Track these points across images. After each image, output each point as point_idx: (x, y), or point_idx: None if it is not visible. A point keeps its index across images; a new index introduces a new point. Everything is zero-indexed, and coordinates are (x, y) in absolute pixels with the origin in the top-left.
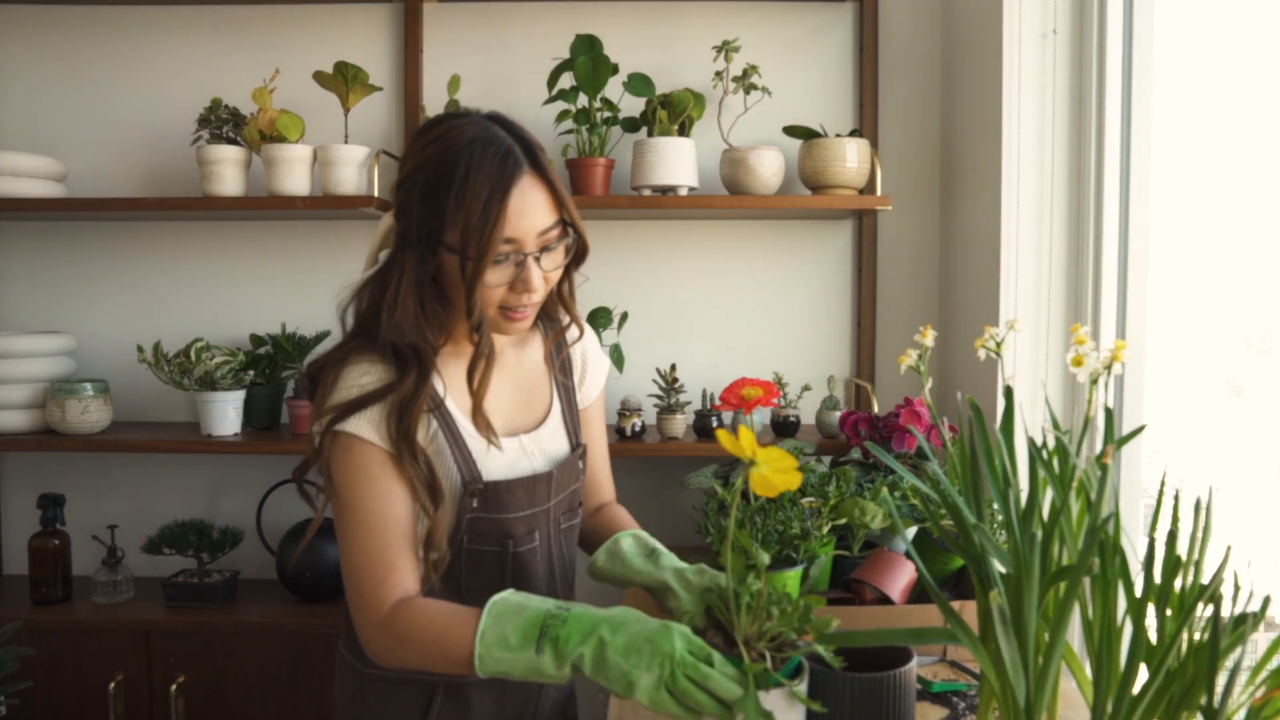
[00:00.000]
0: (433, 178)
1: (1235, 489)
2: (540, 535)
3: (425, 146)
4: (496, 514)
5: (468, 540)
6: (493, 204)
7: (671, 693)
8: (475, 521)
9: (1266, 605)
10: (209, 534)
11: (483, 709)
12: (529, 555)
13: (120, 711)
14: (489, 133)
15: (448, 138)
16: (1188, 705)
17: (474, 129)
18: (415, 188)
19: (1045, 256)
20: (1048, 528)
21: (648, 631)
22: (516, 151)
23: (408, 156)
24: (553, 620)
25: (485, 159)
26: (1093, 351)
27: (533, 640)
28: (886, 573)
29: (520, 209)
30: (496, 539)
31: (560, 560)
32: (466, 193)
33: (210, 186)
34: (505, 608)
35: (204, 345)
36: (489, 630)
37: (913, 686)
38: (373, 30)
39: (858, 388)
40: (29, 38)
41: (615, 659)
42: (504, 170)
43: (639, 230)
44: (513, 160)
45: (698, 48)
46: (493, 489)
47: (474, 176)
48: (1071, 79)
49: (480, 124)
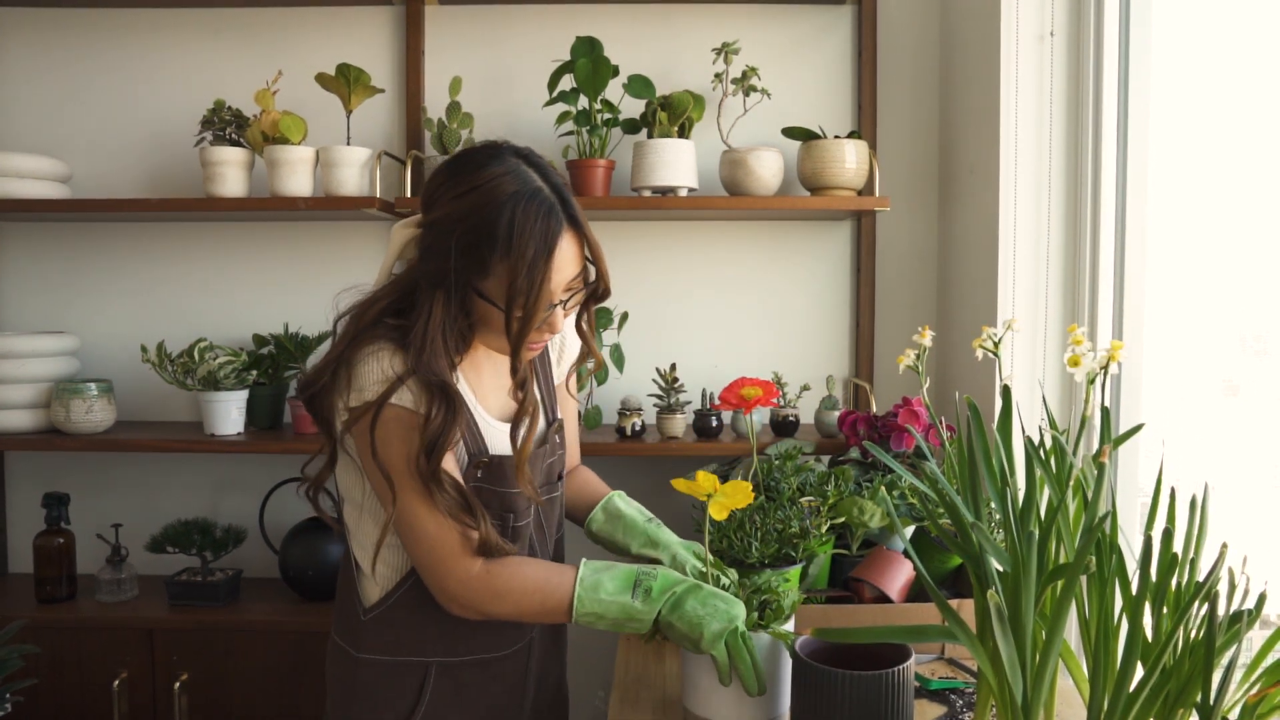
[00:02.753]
0: (473, 229)
1: (1231, 488)
2: (531, 510)
3: (463, 195)
4: (501, 487)
5: None
6: (537, 267)
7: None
8: (480, 493)
9: (1262, 603)
10: (212, 533)
11: (474, 687)
12: (524, 530)
13: (124, 709)
14: (529, 185)
15: (488, 189)
16: (1184, 702)
17: (513, 181)
18: (453, 236)
19: (1043, 257)
20: (1045, 526)
21: (723, 595)
22: (558, 210)
23: (439, 197)
24: (644, 575)
25: (529, 218)
26: (1090, 351)
27: (628, 589)
28: (885, 571)
29: (559, 266)
30: (499, 512)
31: (546, 530)
32: (512, 253)
33: (213, 187)
34: (598, 564)
35: (207, 345)
36: (587, 578)
37: (911, 684)
38: (374, 32)
39: (856, 387)
40: (33, 40)
41: (693, 606)
42: (548, 231)
43: (639, 231)
44: (555, 220)
45: (697, 50)
46: (498, 463)
47: (519, 237)
48: (1069, 81)
49: (518, 173)
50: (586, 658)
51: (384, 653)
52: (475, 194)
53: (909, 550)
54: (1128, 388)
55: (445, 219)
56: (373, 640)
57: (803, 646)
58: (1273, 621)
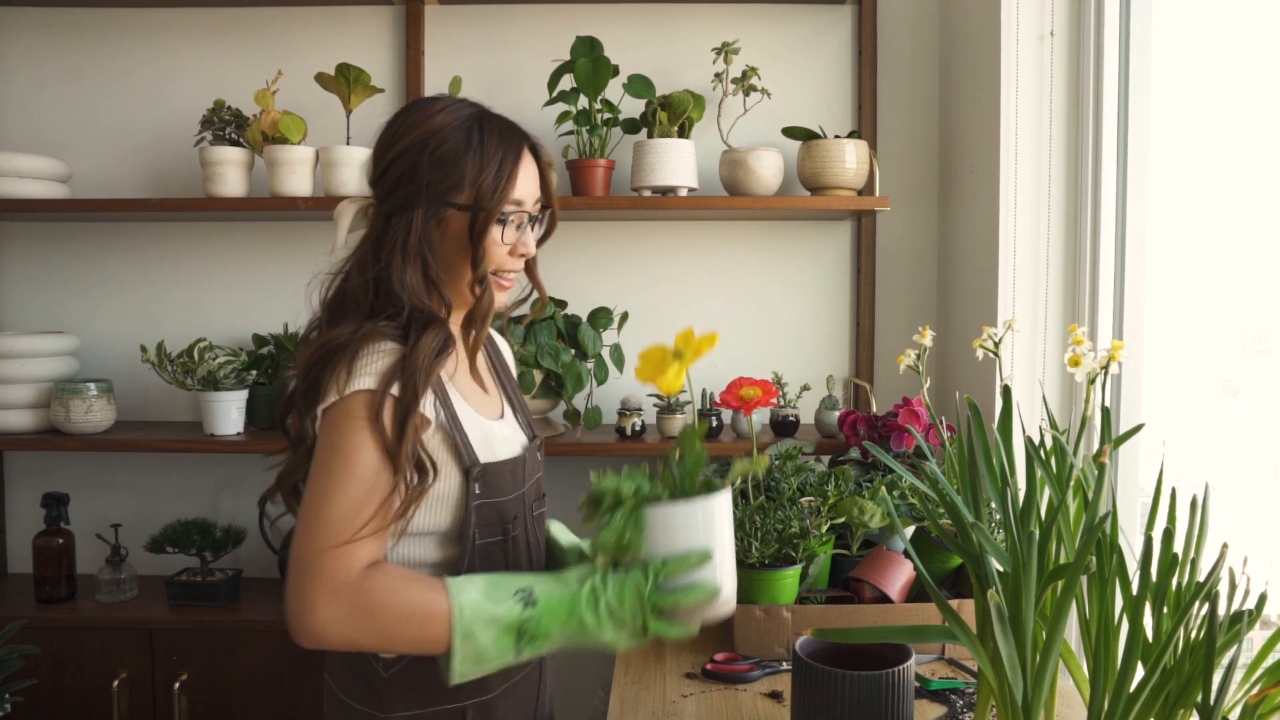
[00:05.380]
0: (444, 143)
1: (1231, 488)
2: (521, 522)
3: (430, 118)
4: (496, 497)
5: (479, 535)
6: (505, 164)
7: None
8: (481, 509)
9: (1262, 603)
10: (212, 533)
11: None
12: (518, 542)
13: (123, 709)
14: (484, 108)
15: (451, 111)
16: (1184, 703)
17: (470, 106)
18: (423, 154)
19: (1043, 257)
20: (1045, 526)
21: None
22: (517, 127)
23: (400, 133)
24: (526, 624)
25: (494, 128)
26: (1090, 351)
27: (510, 648)
28: (885, 571)
29: (525, 174)
30: (500, 525)
31: (535, 548)
32: (483, 155)
33: (213, 187)
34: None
35: (207, 345)
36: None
37: (911, 684)
38: (374, 32)
39: (856, 387)
40: (33, 40)
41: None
42: (513, 137)
43: (639, 231)
44: (518, 132)
45: (697, 49)
46: (492, 470)
47: (488, 141)
48: (1069, 80)
49: (470, 102)
50: (586, 657)
51: (416, 706)
52: (439, 116)
53: (909, 550)
54: (1128, 388)
55: (414, 145)
56: (400, 696)
57: (803, 647)
58: (1273, 621)
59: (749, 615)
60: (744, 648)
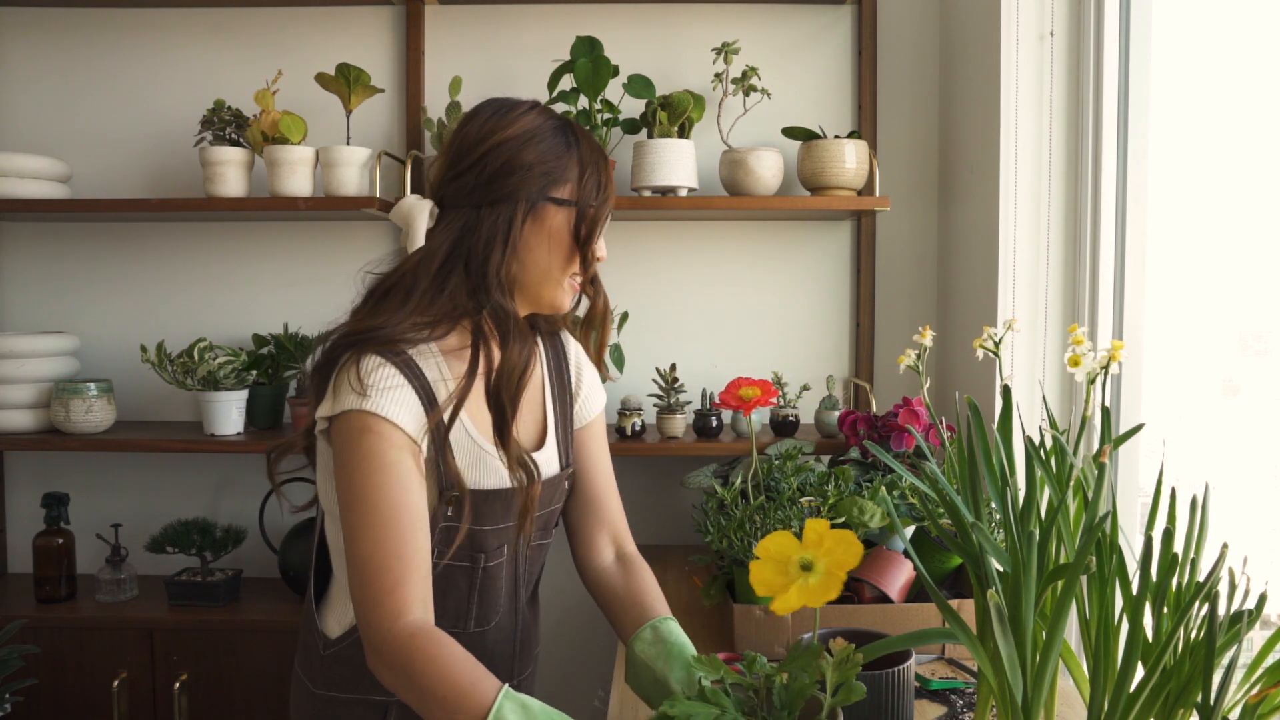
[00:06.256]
0: (544, 139)
1: (1231, 488)
2: (508, 551)
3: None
4: (472, 524)
5: (438, 554)
6: (602, 168)
7: None
8: (448, 533)
9: (1263, 603)
10: (212, 533)
11: None
12: (495, 571)
13: (123, 709)
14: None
15: (541, 112)
16: (1184, 703)
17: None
18: (526, 146)
19: (1043, 257)
20: (1045, 526)
21: None
22: None
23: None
24: None
25: (584, 134)
26: (1090, 351)
27: None
28: (885, 571)
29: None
30: (469, 553)
31: (523, 577)
32: (581, 156)
33: (213, 188)
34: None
35: (207, 345)
36: None
37: (911, 684)
38: (374, 32)
39: (856, 387)
40: (33, 40)
41: None
42: (600, 147)
43: (639, 231)
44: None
45: (697, 50)
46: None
47: (584, 145)
48: (1069, 80)
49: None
50: (587, 658)
51: (342, 690)
52: (532, 114)
53: (909, 550)
54: (1128, 388)
55: (513, 138)
56: (331, 676)
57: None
58: (1273, 621)
59: (749, 615)
60: (744, 647)
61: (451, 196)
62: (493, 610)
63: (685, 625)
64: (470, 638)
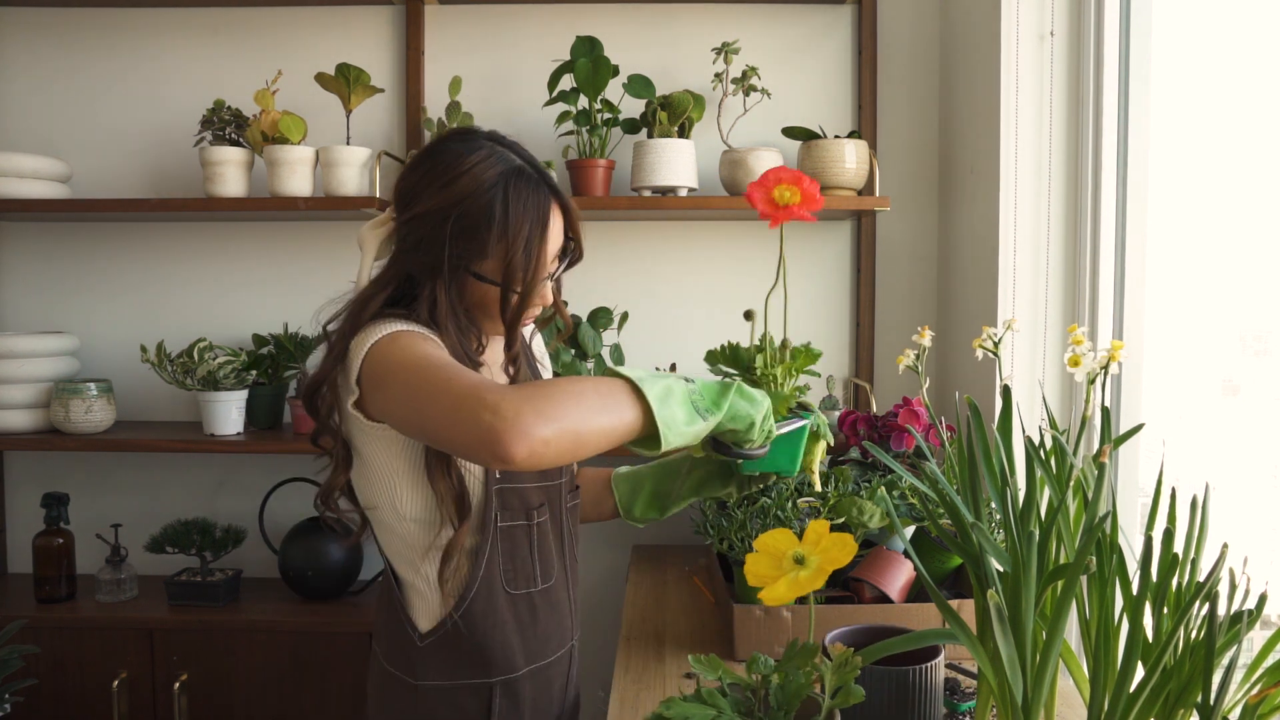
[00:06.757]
0: (466, 214)
1: (1231, 488)
2: (551, 509)
3: (450, 184)
4: (518, 483)
5: (500, 517)
6: (533, 241)
7: None
8: (502, 493)
9: (1263, 603)
10: (212, 533)
11: (532, 700)
12: (545, 527)
13: (123, 710)
14: (512, 165)
15: (474, 174)
16: (1184, 703)
17: (497, 163)
18: (445, 225)
19: (1043, 257)
20: (1045, 526)
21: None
22: (543, 185)
23: (421, 190)
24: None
25: (520, 196)
26: (1090, 351)
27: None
28: (885, 571)
29: (552, 238)
30: (523, 510)
31: (569, 536)
32: (509, 231)
33: (213, 188)
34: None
35: (207, 345)
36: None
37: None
38: (374, 32)
39: (856, 387)
40: (32, 39)
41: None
42: (539, 206)
43: (639, 231)
44: (543, 195)
45: (697, 49)
46: None
47: (514, 217)
48: (1069, 80)
49: (498, 155)
50: (587, 658)
51: (446, 677)
52: (463, 180)
53: (909, 550)
54: (1128, 388)
55: (435, 210)
56: (433, 665)
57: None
58: (1273, 621)
59: (748, 615)
60: (744, 648)
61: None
62: (550, 566)
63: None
64: (543, 594)
